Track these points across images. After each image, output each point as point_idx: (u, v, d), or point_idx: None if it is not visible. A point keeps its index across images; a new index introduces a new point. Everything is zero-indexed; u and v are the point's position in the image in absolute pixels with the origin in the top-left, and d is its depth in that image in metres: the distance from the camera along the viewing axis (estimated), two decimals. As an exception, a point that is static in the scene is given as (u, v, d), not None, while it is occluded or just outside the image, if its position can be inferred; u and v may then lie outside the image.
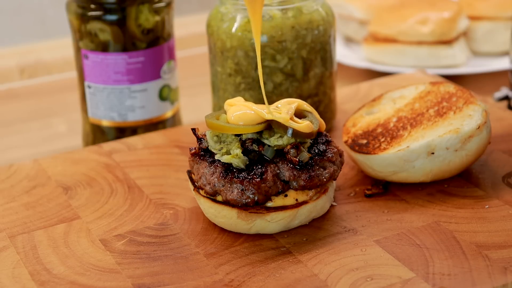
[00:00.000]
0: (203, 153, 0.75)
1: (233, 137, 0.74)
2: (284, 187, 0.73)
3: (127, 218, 0.77)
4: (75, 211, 0.79)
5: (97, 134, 0.98)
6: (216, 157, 0.73)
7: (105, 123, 0.97)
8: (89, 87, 0.96)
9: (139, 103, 0.96)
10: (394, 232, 0.73)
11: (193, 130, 0.76)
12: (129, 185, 0.83)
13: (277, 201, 0.73)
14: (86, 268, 0.70)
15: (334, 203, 0.78)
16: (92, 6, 0.93)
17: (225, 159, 0.72)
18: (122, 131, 0.97)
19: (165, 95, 0.98)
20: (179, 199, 0.80)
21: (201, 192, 0.75)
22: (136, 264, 0.70)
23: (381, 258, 0.69)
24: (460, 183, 0.81)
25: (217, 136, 0.74)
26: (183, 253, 0.72)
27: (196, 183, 0.76)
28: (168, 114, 0.99)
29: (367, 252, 0.70)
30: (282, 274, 0.68)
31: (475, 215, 0.75)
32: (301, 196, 0.73)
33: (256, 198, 0.71)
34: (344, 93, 1.03)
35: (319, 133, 0.76)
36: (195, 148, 0.76)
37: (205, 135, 0.76)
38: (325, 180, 0.73)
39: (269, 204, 0.73)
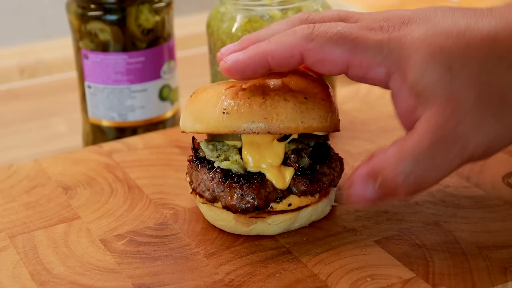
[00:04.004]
0: (201, 160, 0.74)
1: (230, 145, 0.73)
2: (283, 193, 0.72)
3: (127, 218, 0.77)
4: (75, 211, 0.79)
5: (97, 134, 0.98)
6: (215, 164, 0.72)
7: (105, 123, 0.97)
8: (89, 87, 0.96)
9: (139, 103, 0.96)
10: (394, 232, 0.73)
11: (193, 138, 0.75)
12: (129, 185, 0.83)
13: (279, 208, 0.72)
14: (86, 268, 0.70)
15: (335, 203, 0.78)
16: (92, 6, 0.93)
17: (225, 165, 0.72)
18: (122, 131, 0.97)
19: (165, 95, 0.98)
20: (179, 199, 0.80)
21: (199, 199, 0.74)
22: (136, 264, 0.70)
23: (381, 258, 0.69)
24: (460, 183, 0.81)
25: (212, 144, 0.74)
26: (183, 253, 0.71)
27: (195, 190, 0.75)
28: (168, 114, 0.99)
29: (367, 252, 0.70)
30: (282, 274, 0.68)
31: (475, 215, 0.75)
32: (304, 203, 0.73)
33: (255, 203, 0.71)
34: (344, 93, 1.03)
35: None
36: (192, 156, 0.75)
37: (199, 145, 0.75)
38: (325, 186, 0.73)
39: (271, 208, 0.72)
